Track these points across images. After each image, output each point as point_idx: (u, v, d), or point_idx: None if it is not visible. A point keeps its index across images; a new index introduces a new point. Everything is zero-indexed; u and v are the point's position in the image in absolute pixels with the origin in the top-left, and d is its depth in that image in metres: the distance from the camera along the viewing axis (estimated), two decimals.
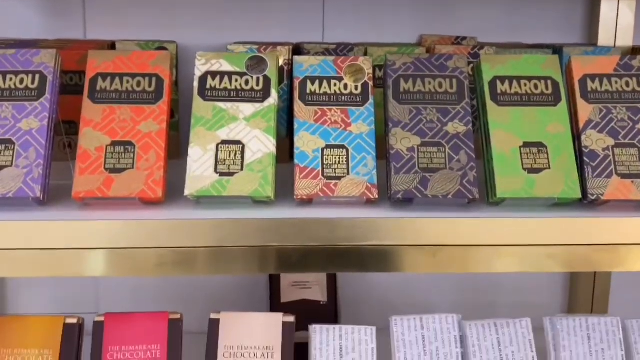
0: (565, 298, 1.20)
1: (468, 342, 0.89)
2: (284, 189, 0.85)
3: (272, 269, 0.79)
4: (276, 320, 0.90)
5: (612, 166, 0.82)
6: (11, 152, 0.80)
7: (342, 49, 1.04)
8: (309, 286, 1.16)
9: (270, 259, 0.79)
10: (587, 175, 0.82)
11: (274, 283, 1.15)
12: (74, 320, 0.88)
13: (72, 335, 0.87)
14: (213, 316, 0.90)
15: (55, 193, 0.83)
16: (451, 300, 0.93)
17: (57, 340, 0.86)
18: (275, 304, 1.13)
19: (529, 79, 0.86)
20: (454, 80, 0.86)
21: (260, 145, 0.83)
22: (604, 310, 1.15)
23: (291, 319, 0.90)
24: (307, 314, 0.92)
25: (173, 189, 0.83)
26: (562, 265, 0.80)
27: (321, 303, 1.15)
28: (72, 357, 0.86)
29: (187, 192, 0.81)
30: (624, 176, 0.81)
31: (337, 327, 0.90)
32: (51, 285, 1.14)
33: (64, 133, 0.93)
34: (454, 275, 1.18)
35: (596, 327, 0.91)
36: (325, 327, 0.90)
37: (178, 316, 0.89)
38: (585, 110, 0.84)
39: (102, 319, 0.88)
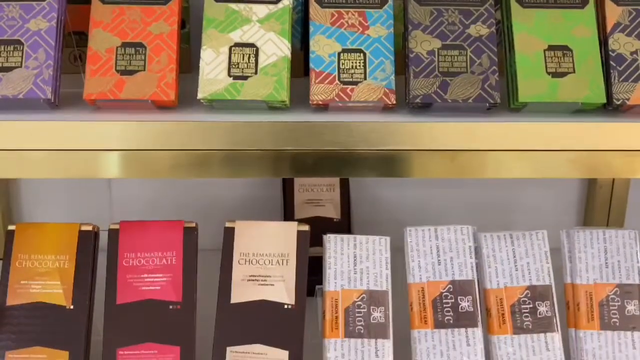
0: (581, 217, 1.14)
1: (483, 253, 0.84)
2: (299, 100, 0.79)
3: (287, 173, 0.73)
4: (291, 229, 0.84)
5: None
6: (20, 53, 0.73)
7: None
8: (323, 204, 1.11)
9: (284, 163, 0.73)
10: (613, 79, 0.75)
11: (288, 200, 1.10)
12: (89, 228, 0.83)
13: (87, 241, 0.82)
14: (228, 225, 0.85)
15: (66, 98, 0.77)
16: (466, 220, 0.88)
17: (73, 247, 0.82)
18: (289, 221, 1.08)
19: None
20: None
21: (275, 48, 0.76)
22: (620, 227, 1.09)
23: (306, 227, 0.84)
24: (320, 231, 0.87)
25: (186, 98, 0.77)
26: (583, 171, 0.74)
27: (334, 220, 1.10)
28: (88, 262, 0.82)
29: (200, 95, 0.74)
30: None
31: (351, 236, 0.85)
32: (66, 198, 1.09)
33: (75, 45, 0.87)
34: (469, 195, 1.12)
35: (613, 240, 0.85)
36: (339, 236, 0.85)
37: (193, 225, 0.84)
38: (614, 13, 0.76)
39: (117, 226, 0.83)
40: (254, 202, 1.12)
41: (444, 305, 0.82)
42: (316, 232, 0.87)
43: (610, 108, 0.75)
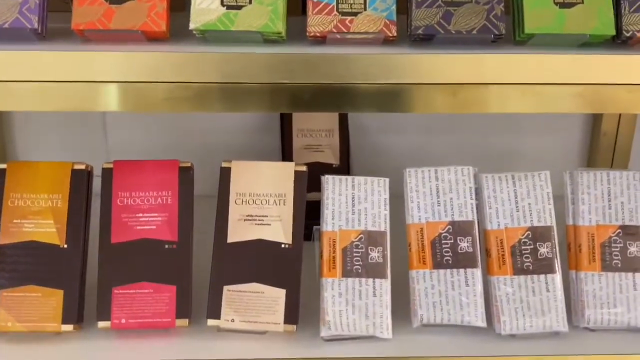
0: (583, 165, 1.10)
1: (483, 194, 0.80)
2: (296, 35, 0.73)
3: (284, 108, 0.68)
4: (288, 169, 0.80)
5: None
6: None
7: None
8: (322, 149, 1.06)
9: (281, 97, 0.68)
10: (623, 10, 0.69)
11: (286, 146, 1.06)
12: (82, 167, 0.78)
13: (80, 180, 0.78)
14: (224, 165, 0.80)
15: (54, 32, 0.72)
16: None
17: (65, 186, 0.77)
18: None
19: None
20: None
21: None
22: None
23: (303, 168, 0.80)
24: (319, 177, 0.83)
25: (177, 32, 0.72)
26: (589, 106, 0.69)
27: (333, 166, 1.05)
28: (81, 201, 0.77)
29: (192, 25, 0.69)
30: None
31: (349, 177, 0.81)
32: (60, 139, 1.05)
33: None
34: (470, 142, 1.08)
35: (617, 181, 0.81)
36: (337, 177, 0.81)
37: (189, 164, 0.80)
38: None
39: (110, 165, 0.79)
40: (252, 149, 1.08)
41: (443, 246, 0.78)
42: (315, 178, 0.83)
43: (619, 41, 0.70)
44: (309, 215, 0.81)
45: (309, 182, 0.81)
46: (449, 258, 0.78)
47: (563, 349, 0.74)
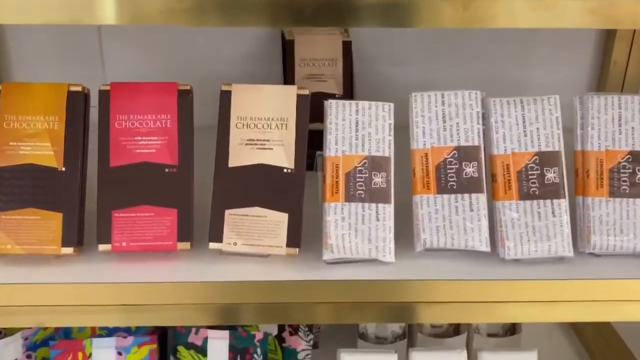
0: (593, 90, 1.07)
1: (491, 119, 0.77)
2: None
3: (286, 22, 0.65)
4: (290, 92, 0.77)
5: None
6: None
7: None
8: (324, 79, 1.03)
9: (283, 11, 0.65)
10: None
11: (288, 75, 1.02)
12: (79, 88, 0.75)
13: (77, 102, 0.75)
14: (224, 88, 0.77)
15: None
16: None
17: (62, 108, 0.75)
18: None
19: None
20: None
21: None
22: None
23: (305, 91, 0.77)
24: (322, 107, 0.80)
25: None
26: (604, 21, 0.66)
27: (336, 96, 1.03)
28: (78, 124, 0.75)
29: None
30: None
31: (353, 102, 0.78)
32: (56, 65, 1.02)
33: None
34: (477, 72, 1.04)
35: (628, 105, 0.78)
36: (341, 102, 0.78)
37: (188, 87, 0.77)
38: None
39: (107, 87, 0.76)
40: (253, 78, 1.05)
41: (448, 171, 0.76)
42: (318, 108, 0.81)
43: None
44: (311, 145, 0.79)
45: (312, 113, 0.79)
46: (453, 183, 0.76)
47: (567, 274, 0.73)
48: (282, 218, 0.75)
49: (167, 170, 0.75)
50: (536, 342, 0.90)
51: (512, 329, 1.15)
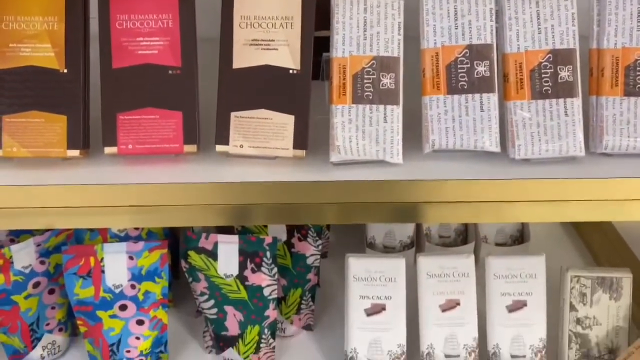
0: None
1: (504, 15, 0.74)
2: None
3: None
4: None
5: None
6: None
7: None
8: None
9: None
10: None
11: None
12: None
13: (76, 2, 0.72)
14: None
15: None
16: None
17: (61, 7, 0.72)
18: None
19: None
20: None
21: None
22: None
23: None
24: (327, 13, 0.77)
25: None
26: None
27: None
28: (79, 24, 0.72)
29: None
30: None
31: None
32: None
33: None
34: None
35: None
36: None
37: None
38: None
39: None
40: None
41: (459, 71, 0.74)
42: (323, 12, 0.77)
43: None
44: (317, 52, 0.76)
45: (317, 19, 0.75)
46: (464, 83, 0.74)
47: (578, 173, 0.71)
48: (288, 120, 0.73)
49: (170, 72, 0.73)
50: (543, 250, 0.90)
51: (519, 238, 1.15)
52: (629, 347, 0.86)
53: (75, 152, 0.72)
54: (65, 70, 0.72)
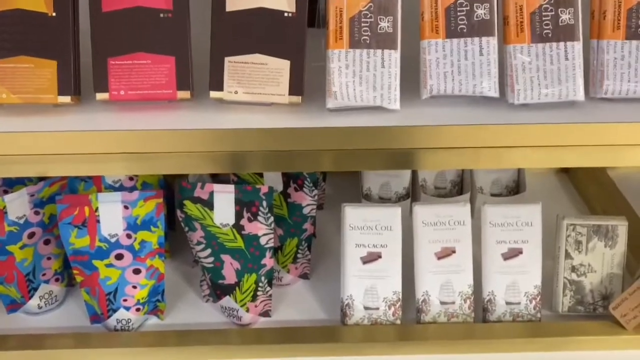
0: None
1: None
2: None
3: None
4: None
5: None
6: None
7: None
8: None
9: None
10: None
11: None
12: None
13: None
14: None
15: None
16: None
17: None
18: None
19: None
20: None
21: None
22: None
23: None
24: None
25: None
26: None
27: None
28: None
29: None
30: None
31: None
32: None
33: None
34: None
35: None
36: None
37: None
38: None
39: None
40: None
41: (458, 14, 0.71)
42: None
43: None
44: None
45: None
46: (463, 27, 0.72)
47: (578, 118, 0.70)
48: (283, 65, 0.71)
49: (161, 15, 0.71)
50: (539, 200, 0.90)
51: (515, 189, 1.15)
52: (623, 293, 0.86)
53: (66, 99, 0.70)
54: (54, 14, 0.69)
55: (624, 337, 0.86)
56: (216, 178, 0.96)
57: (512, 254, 0.87)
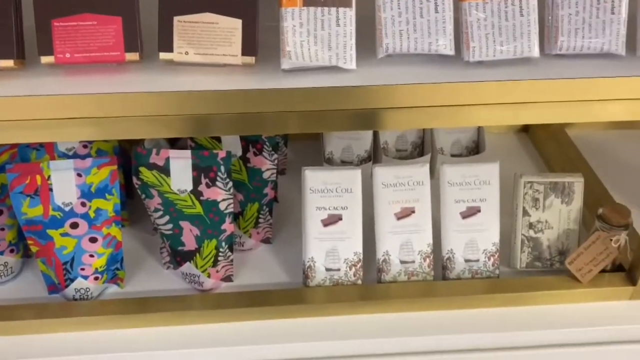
0: None
1: None
2: None
3: None
4: None
5: None
6: None
7: None
8: None
9: None
10: None
11: None
12: None
13: None
14: None
15: None
16: None
17: None
18: None
19: None
20: None
21: None
22: None
23: None
24: None
25: None
26: None
27: None
28: None
29: None
30: None
31: None
32: None
33: None
34: None
35: None
36: None
37: None
38: None
39: None
40: None
41: None
42: None
43: None
44: None
45: None
46: None
47: (533, 75, 0.69)
48: (235, 24, 0.69)
49: None
50: (499, 160, 0.90)
51: (475, 149, 1.15)
52: (578, 248, 0.88)
53: (8, 62, 0.67)
54: None
55: (580, 290, 0.87)
56: (175, 144, 0.94)
57: (470, 212, 0.88)
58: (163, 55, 0.69)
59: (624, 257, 0.90)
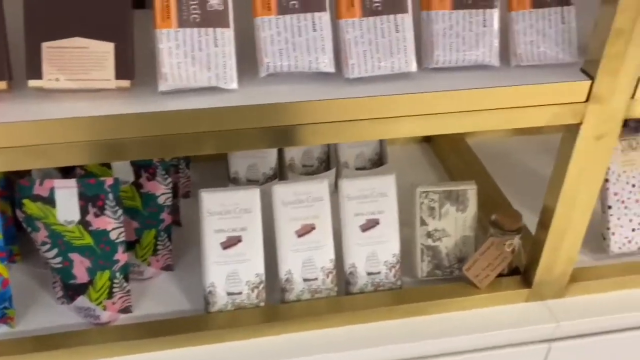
0: None
1: None
2: None
3: None
4: None
5: None
6: None
7: None
8: None
9: None
10: None
11: None
12: None
13: None
14: None
15: None
16: None
17: None
18: None
19: None
20: None
21: None
22: None
23: None
24: None
25: None
26: None
27: None
28: None
29: None
30: None
31: None
32: None
33: None
34: None
35: None
36: None
37: None
38: None
39: None
40: None
41: None
42: None
43: None
44: None
45: None
46: (295, 2, 0.70)
47: (411, 88, 0.71)
48: (107, 48, 0.66)
49: None
50: (401, 171, 0.91)
51: (379, 161, 1.17)
52: (474, 254, 0.90)
53: None
54: None
55: (478, 296, 0.89)
56: (70, 173, 0.90)
57: (369, 225, 0.88)
58: (32, 83, 0.65)
59: (519, 260, 0.92)
